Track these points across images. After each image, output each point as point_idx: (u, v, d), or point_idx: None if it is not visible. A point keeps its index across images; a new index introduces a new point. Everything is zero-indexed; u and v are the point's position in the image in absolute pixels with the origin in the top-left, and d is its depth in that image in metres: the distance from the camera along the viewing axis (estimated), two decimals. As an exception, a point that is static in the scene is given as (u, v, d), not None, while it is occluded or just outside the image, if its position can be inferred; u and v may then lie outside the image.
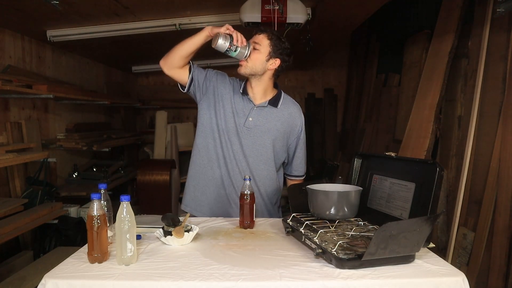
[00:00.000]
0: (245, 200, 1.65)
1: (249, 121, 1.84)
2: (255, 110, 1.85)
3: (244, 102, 1.86)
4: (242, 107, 1.85)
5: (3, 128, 3.04)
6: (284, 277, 1.15)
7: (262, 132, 1.85)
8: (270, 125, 1.86)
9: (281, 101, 1.90)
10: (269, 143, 1.87)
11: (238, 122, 1.84)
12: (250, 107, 1.85)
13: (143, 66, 5.61)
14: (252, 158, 1.87)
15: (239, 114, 1.85)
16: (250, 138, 1.85)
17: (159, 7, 3.08)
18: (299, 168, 2.02)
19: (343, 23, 3.55)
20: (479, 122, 2.59)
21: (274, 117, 1.87)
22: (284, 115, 1.89)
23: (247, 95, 1.85)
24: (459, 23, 2.82)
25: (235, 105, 1.85)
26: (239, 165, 1.86)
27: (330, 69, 6.46)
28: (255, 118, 1.85)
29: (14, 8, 2.71)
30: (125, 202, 1.23)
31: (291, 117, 1.91)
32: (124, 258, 1.23)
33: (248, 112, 1.85)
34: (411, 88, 3.47)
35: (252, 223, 1.67)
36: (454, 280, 1.16)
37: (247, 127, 1.84)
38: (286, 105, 1.91)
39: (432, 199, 1.31)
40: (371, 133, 4.62)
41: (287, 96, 1.96)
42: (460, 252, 2.60)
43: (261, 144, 1.86)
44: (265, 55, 1.79)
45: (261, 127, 1.85)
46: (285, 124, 1.90)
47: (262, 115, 1.86)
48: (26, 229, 2.72)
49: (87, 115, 4.64)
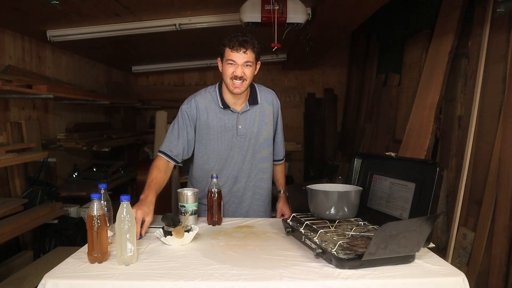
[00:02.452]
0: (212, 198, 1.68)
1: (239, 130, 1.86)
2: (240, 117, 1.86)
3: (227, 114, 1.86)
4: (228, 121, 1.86)
5: (3, 128, 3.04)
6: (284, 277, 1.15)
7: (253, 133, 1.89)
8: (260, 122, 1.89)
9: (259, 95, 1.91)
10: (265, 140, 1.92)
11: (231, 136, 1.86)
12: (235, 116, 1.86)
13: (143, 66, 5.61)
14: (255, 161, 1.91)
15: (228, 128, 1.86)
16: (248, 144, 1.89)
17: (159, 7, 3.08)
18: (280, 152, 2.08)
19: (343, 23, 3.54)
20: (479, 122, 2.59)
21: (259, 113, 1.90)
22: (265, 107, 1.92)
23: (229, 108, 1.85)
24: (459, 23, 2.82)
25: (220, 122, 1.86)
26: (242, 172, 1.91)
27: (330, 69, 6.45)
28: (244, 124, 1.87)
29: (14, 8, 2.71)
30: (125, 202, 1.24)
31: (272, 105, 1.94)
32: (124, 258, 1.23)
33: (235, 122, 1.86)
34: (411, 88, 3.47)
35: (219, 220, 1.71)
36: (454, 280, 1.16)
37: (240, 135, 1.87)
38: (263, 96, 1.93)
39: (432, 199, 1.31)
40: (371, 133, 4.62)
41: (260, 86, 1.96)
42: (460, 252, 2.60)
43: (260, 145, 1.91)
44: (254, 66, 1.80)
45: (251, 128, 1.88)
46: (268, 114, 1.93)
47: (248, 117, 1.88)
48: (26, 229, 2.72)
49: (87, 115, 4.64)
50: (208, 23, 3.42)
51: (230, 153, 1.88)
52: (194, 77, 6.44)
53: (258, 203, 1.98)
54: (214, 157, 1.88)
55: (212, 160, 1.89)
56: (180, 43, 4.19)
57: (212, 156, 1.88)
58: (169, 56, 5.22)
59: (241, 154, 1.89)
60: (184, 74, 6.38)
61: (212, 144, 1.87)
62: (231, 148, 1.87)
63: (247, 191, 1.94)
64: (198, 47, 4.52)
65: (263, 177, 1.96)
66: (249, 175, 1.92)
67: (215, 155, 1.88)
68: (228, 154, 1.88)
